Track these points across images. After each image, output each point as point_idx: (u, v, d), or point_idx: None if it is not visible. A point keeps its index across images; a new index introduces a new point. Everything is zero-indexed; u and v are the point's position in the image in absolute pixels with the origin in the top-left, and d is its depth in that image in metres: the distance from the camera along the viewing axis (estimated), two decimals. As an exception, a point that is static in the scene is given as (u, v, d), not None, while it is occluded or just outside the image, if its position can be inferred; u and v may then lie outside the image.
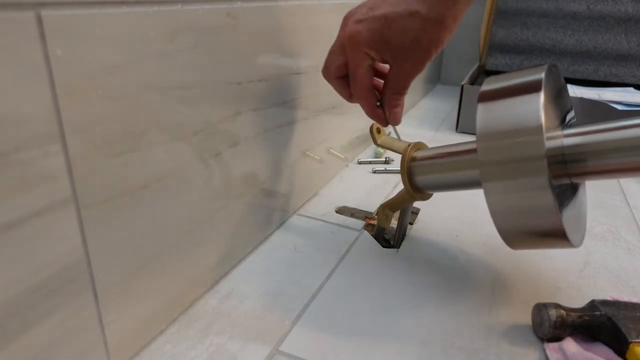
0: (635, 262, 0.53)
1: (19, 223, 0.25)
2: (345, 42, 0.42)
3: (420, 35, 0.39)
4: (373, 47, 0.40)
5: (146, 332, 0.38)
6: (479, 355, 0.39)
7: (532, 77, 0.38)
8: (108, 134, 0.30)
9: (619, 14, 1.13)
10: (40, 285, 0.27)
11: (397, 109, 0.45)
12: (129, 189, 0.33)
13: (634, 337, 0.37)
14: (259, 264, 0.51)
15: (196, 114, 0.38)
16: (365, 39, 0.40)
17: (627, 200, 0.70)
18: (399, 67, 0.42)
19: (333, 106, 0.67)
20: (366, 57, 0.41)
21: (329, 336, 0.40)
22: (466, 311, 0.44)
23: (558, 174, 0.37)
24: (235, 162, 0.45)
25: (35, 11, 0.24)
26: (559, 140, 0.38)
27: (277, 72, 0.50)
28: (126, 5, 0.30)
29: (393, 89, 0.44)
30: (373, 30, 0.39)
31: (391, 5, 0.39)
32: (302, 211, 0.63)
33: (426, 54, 0.40)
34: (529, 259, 0.53)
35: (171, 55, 0.34)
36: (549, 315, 0.39)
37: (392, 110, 0.45)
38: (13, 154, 0.25)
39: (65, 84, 0.26)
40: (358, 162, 0.82)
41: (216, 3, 0.38)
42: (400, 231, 0.55)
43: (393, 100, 0.45)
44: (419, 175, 0.49)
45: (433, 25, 0.38)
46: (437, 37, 0.39)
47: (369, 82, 0.44)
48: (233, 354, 0.38)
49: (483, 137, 0.38)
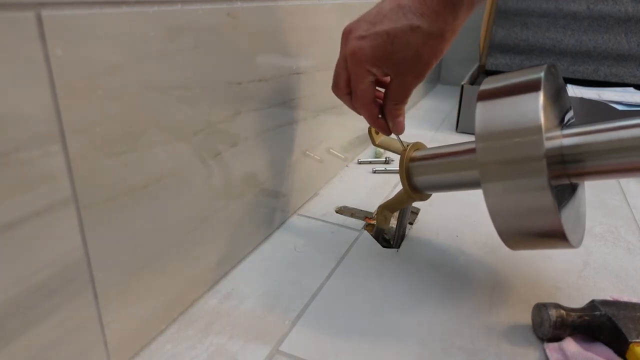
0: (635, 262, 0.53)
1: (19, 223, 0.25)
2: (348, 58, 0.42)
3: (421, 50, 0.40)
4: (376, 63, 0.41)
5: (146, 332, 0.38)
6: (479, 355, 0.39)
7: (531, 78, 0.38)
8: (108, 134, 0.30)
9: (619, 14, 1.13)
10: (40, 285, 0.27)
11: (399, 118, 0.46)
12: (129, 189, 0.33)
13: (634, 337, 0.37)
14: (259, 264, 0.51)
15: (196, 114, 0.38)
16: (368, 56, 0.41)
17: (627, 200, 0.70)
18: (400, 80, 0.42)
19: (333, 106, 0.67)
20: (368, 73, 0.42)
21: (329, 336, 0.40)
22: (466, 311, 0.44)
23: (557, 174, 0.37)
24: (235, 162, 0.45)
25: (35, 11, 0.24)
26: (558, 140, 0.38)
27: (277, 72, 0.50)
28: (126, 5, 0.30)
29: (394, 100, 0.45)
30: (375, 47, 0.40)
31: (392, 21, 0.39)
32: (302, 211, 0.63)
33: (427, 66, 0.41)
34: (529, 259, 0.53)
35: (171, 55, 0.34)
36: (549, 315, 0.39)
37: (395, 121, 0.46)
38: (13, 154, 0.25)
39: (65, 84, 0.26)
40: (358, 162, 0.82)
41: (216, 3, 0.38)
42: (400, 231, 0.55)
43: (395, 110, 0.45)
44: (418, 175, 0.49)
45: (434, 39, 0.39)
46: (437, 50, 0.40)
47: (370, 97, 0.45)
48: (233, 354, 0.38)
49: (482, 138, 0.38)
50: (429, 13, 0.39)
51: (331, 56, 0.62)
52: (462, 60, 1.45)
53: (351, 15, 0.46)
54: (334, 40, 0.61)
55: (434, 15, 0.38)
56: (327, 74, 0.62)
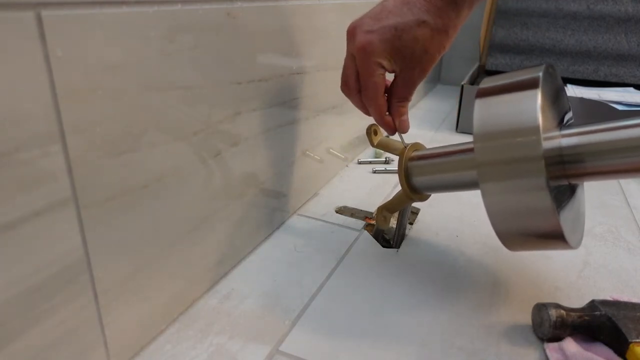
0: (635, 262, 0.53)
1: (19, 223, 0.25)
2: (356, 53, 0.43)
3: (428, 44, 0.41)
4: (386, 57, 0.42)
5: (146, 332, 0.38)
6: (479, 355, 0.39)
7: (529, 78, 0.38)
8: (108, 134, 0.30)
9: (619, 14, 1.13)
10: (40, 285, 0.27)
11: (404, 117, 0.47)
12: (129, 189, 0.33)
13: (634, 337, 0.37)
14: (259, 264, 0.51)
15: (196, 114, 0.38)
16: (378, 49, 0.41)
17: (627, 200, 0.70)
18: (406, 75, 0.43)
19: (333, 106, 0.67)
20: (378, 66, 0.42)
21: (329, 336, 0.40)
22: (466, 311, 0.44)
23: (556, 175, 0.37)
24: (235, 162, 0.45)
25: (35, 11, 0.24)
26: (557, 141, 0.38)
27: (277, 72, 0.50)
28: (126, 5, 0.30)
29: (399, 97, 0.45)
30: (385, 40, 0.41)
31: (398, 16, 0.40)
32: (302, 211, 0.63)
33: (432, 60, 0.43)
34: (529, 259, 0.53)
35: (171, 55, 0.34)
36: (549, 315, 0.39)
37: (400, 119, 0.47)
38: (13, 154, 0.25)
39: (65, 84, 0.26)
40: (358, 162, 0.82)
41: (216, 3, 0.38)
42: (400, 231, 0.55)
43: (400, 108, 0.46)
44: (417, 176, 0.49)
45: (439, 34, 0.41)
46: (442, 45, 0.42)
47: (381, 91, 0.45)
48: (233, 354, 0.38)
49: (480, 138, 0.38)
50: (433, 9, 0.40)
51: (331, 56, 0.62)
52: (462, 60, 1.45)
53: (351, 15, 0.46)
54: (334, 40, 0.61)
55: (438, 12, 0.40)
56: (327, 74, 0.62)
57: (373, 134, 0.55)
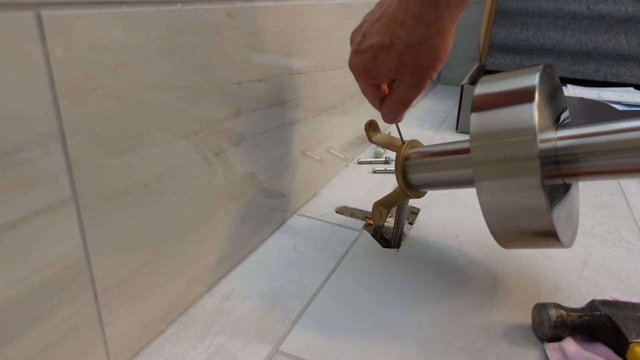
0: (635, 262, 0.53)
1: (19, 223, 0.25)
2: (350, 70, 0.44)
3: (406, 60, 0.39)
4: (368, 78, 0.42)
5: (146, 332, 0.38)
6: (479, 355, 0.39)
7: (526, 77, 0.38)
8: (108, 134, 0.30)
9: (619, 14, 1.13)
10: (40, 285, 0.27)
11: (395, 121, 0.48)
12: (129, 189, 0.33)
13: (634, 337, 0.37)
14: (259, 264, 0.51)
15: (196, 113, 0.38)
16: (359, 72, 0.42)
17: (627, 200, 0.70)
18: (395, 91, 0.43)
19: (333, 106, 0.67)
20: (367, 84, 0.43)
21: (329, 336, 0.40)
22: (466, 311, 0.44)
23: (551, 174, 0.37)
24: (235, 162, 0.45)
25: (35, 11, 0.24)
26: (552, 141, 0.38)
27: (277, 72, 0.50)
28: (126, 5, 0.30)
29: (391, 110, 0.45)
30: (365, 61, 0.41)
31: (378, 33, 0.39)
32: (302, 211, 0.63)
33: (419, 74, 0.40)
34: (529, 259, 0.53)
35: (171, 55, 0.34)
36: (549, 315, 0.39)
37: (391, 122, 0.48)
38: (13, 153, 0.25)
39: (65, 84, 0.26)
40: (358, 162, 0.82)
41: (216, 3, 0.38)
42: (398, 230, 0.55)
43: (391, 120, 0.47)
44: (413, 173, 0.49)
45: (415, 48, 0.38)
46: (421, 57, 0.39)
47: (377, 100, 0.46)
48: (233, 354, 0.38)
49: (476, 137, 0.38)
50: (409, 19, 0.36)
51: (331, 56, 0.62)
52: (462, 60, 1.45)
53: (351, 15, 0.46)
54: (334, 40, 0.61)
55: (414, 21, 0.36)
56: (327, 74, 0.62)
57: (371, 129, 0.55)
